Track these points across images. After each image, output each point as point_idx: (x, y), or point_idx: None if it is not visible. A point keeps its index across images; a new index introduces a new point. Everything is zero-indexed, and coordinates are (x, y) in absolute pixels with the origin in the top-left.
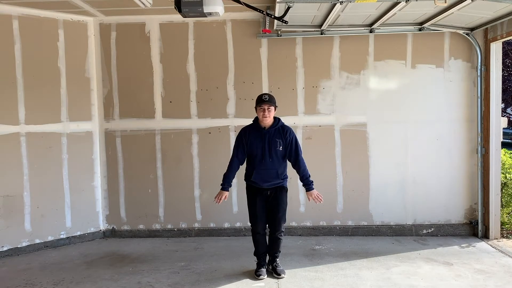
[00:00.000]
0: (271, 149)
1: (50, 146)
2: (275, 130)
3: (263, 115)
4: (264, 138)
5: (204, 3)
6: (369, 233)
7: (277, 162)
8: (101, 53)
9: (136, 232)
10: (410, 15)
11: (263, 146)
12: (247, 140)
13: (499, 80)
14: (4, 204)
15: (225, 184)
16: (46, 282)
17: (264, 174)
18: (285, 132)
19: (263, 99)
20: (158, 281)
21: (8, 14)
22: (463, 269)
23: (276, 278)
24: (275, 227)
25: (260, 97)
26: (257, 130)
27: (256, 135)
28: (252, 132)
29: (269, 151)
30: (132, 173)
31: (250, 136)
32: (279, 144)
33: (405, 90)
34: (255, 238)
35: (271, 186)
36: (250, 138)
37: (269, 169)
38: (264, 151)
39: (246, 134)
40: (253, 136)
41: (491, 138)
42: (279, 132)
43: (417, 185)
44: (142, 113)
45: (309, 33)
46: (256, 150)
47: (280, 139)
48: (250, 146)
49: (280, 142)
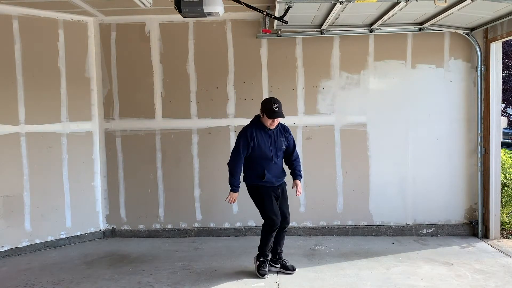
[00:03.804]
0: (279, 148)
1: (50, 146)
2: (278, 130)
3: (271, 124)
4: (271, 139)
5: (204, 3)
6: (369, 233)
7: (281, 159)
8: (101, 53)
9: (136, 232)
10: (410, 15)
11: (271, 147)
12: (256, 142)
13: (499, 80)
14: (4, 204)
15: (236, 184)
16: (46, 282)
17: (275, 173)
18: (286, 131)
19: (274, 109)
20: (158, 281)
21: (8, 14)
22: (463, 269)
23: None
24: (288, 221)
25: (271, 107)
26: (263, 131)
27: (263, 136)
28: (258, 133)
29: (277, 151)
30: (132, 173)
31: (258, 137)
32: (283, 143)
33: (405, 90)
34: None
35: (281, 183)
36: (258, 139)
37: (278, 166)
38: (273, 151)
39: (253, 136)
40: (261, 138)
41: (491, 138)
42: (281, 131)
43: (417, 185)
44: (142, 113)
45: (309, 33)
46: (265, 150)
47: (283, 138)
48: (259, 147)
49: (283, 141)
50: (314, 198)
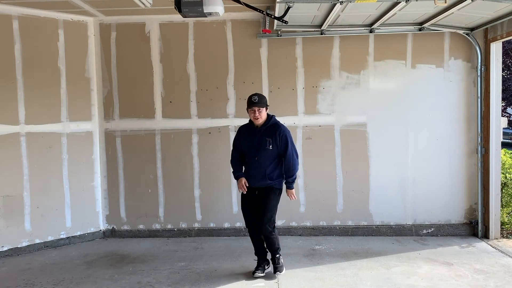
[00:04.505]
0: (260, 148)
1: (50, 146)
2: (266, 129)
3: (254, 117)
4: (255, 137)
5: (204, 3)
6: (369, 233)
7: (264, 162)
8: (101, 53)
9: (136, 232)
10: (410, 15)
11: (253, 145)
12: (241, 137)
13: (499, 80)
14: (4, 204)
15: (237, 172)
16: (46, 282)
17: (253, 173)
18: (276, 130)
19: (252, 100)
20: (158, 281)
21: (8, 14)
22: (463, 269)
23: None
24: (260, 228)
25: (250, 99)
26: (251, 129)
27: (249, 133)
28: (246, 130)
29: (257, 150)
30: (132, 173)
31: (245, 134)
32: (268, 143)
33: (405, 90)
34: (251, 237)
35: (259, 186)
36: (243, 136)
37: (257, 168)
38: (253, 150)
39: (241, 132)
40: (246, 134)
41: (491, 138)
42: (270, 130)
43: (417, 185)
44: (142, 113)
45: (309, 33)
46: (246, 148)
47: (270, 138)
48: (242, 144)
49: (270, 141)
50: (314, 198)
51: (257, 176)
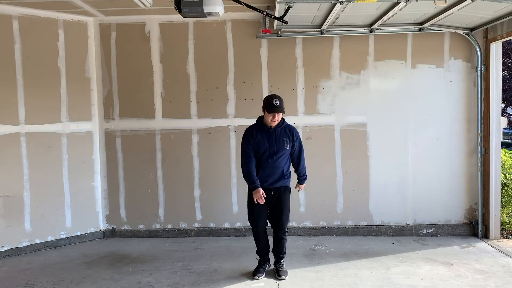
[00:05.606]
0: (279, 148)
1: (50, 146)
2: (281, 130)
3: (272, 120)
4: (272, 138)
5: (204, 3)
6: (369, 233)
7: (282, 161)
8: (101, 53)
9: (136, 232)
10: (410, 15)
11: (271, 146)
12: (255, 140)
13: (499, 80)
14: (4, 204)
15: (256, 182)
16: (46, 282)
17: (270, 174)
18: (291, 132)
19: (274, 104)
20: (158, 281)
21: (8, 14)
22: (463, 269)
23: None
24: (279, 228)
25: (271, 102)
26: (264, 130)
27: (264, 134)
28: (259, 131)
29: (277, 151)
30: (132, 173)
31: (258, 135)
32: (286, 143)
33: (405, 90)
34: (257, 237)
35: (276, 186)
36: (257, 137)
37: (275, 167)
38: (271, 150)
39: (253, 134)
40: (261, 136)
41: (491, 138)
42: (285, 131)
43: (417, 185)
44: (142, 113)
45: (309, 33)
46: (263, 149)
47: (287, 138)
48: (257, 146)
49: (287, 141)
50: (314, 198)
51: (274, 176)
